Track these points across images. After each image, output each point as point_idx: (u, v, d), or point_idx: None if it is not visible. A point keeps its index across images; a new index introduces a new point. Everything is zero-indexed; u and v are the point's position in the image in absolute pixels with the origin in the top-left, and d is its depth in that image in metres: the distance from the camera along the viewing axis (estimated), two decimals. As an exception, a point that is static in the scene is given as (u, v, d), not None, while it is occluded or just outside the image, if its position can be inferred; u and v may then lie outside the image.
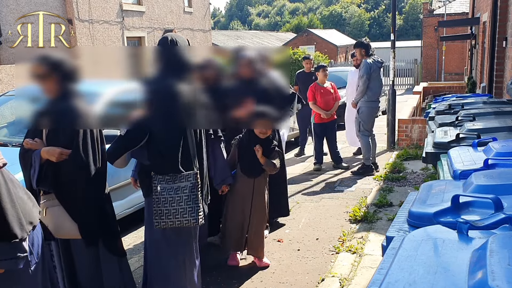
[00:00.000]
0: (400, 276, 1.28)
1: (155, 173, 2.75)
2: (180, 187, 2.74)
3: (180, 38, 2.88)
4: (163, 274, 2.89)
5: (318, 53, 21.14)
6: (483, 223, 1.65)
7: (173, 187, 2.73)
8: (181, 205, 2.73)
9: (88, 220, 2.76)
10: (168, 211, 2.72)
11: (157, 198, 2.73)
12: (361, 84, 6.38)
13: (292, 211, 5.09)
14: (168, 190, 2.73)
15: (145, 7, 16.75)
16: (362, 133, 6.54)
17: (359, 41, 6.78)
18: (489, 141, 3.04)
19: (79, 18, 13.83)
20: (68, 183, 2.70)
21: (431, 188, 2.29)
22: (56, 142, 2.66)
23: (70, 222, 2.71)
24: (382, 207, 5.06)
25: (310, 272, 3.68)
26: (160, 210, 2.73)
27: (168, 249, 2.87)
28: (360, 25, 67.79)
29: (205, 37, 21.13)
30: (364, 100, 6.46)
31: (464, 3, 25.23)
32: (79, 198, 2.72)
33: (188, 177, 2.76)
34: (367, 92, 6.39)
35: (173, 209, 2.72)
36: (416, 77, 24.94)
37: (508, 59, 7.19)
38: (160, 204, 2.72)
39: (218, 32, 35.60)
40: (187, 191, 2.74)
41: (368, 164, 6.53)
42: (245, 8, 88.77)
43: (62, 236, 2.76)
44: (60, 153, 2.63)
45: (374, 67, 6.38)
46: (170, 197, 2.73)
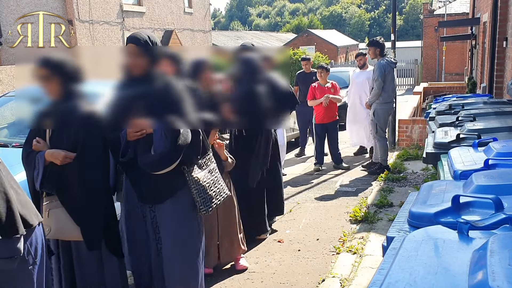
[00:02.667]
0: (400, 277, 1.28)
1: (187, 165, 2.76)
2: (211, 169, 2.94)
3: (157, 38, 2.84)
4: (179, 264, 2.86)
5: (318, 53, 21.11)
6: (484, 223, 1.65)
7: (207, 171, 2.90)
8: (220, 182, 2.99)
9: (91, 225, 2.72)
10: (214, 192, 2.90)
11: (199, 187, 2.79)
12: (376, 87, 6.30)
13: (292, 212, 5.09)
14: (206, 175, 2.87)
15: (145, 7, 16.76)
16: (379, 135, 6.51)
17: (374, 40, 6.60)
18: (489, 141, 3.04)
19: (79, 19, 13.83)
20: (72, 185, 2.67)
21: (432, 189, 2.29)
22: (60, 143, 2.64)
23: (73, 224, 2.69)
24: (383, 208, 5.06)
25: (310, 273, 3.68)
26: (204, 197, 2.82)
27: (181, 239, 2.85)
28: (361, 26, 67.83)
29: (205, 38, 21.15)
30: (379, 102, 6.39)
31: (464, 3, 25.22)
32: (82, 201, 2.68)
33: (211, 159, 2.96)
34: (382, 94, 6.34)
35: (217, 189, 2.94)
36: (416, 78, 24.94)
37: (509, 59, 7.19)
38: (206, 190, 2.83)
39: (219, 32, 35.60)
40: (217, 169, 3.00)
41: (385, 165, 6.55)
42: (245, 9, 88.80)
43: (65, 238, 2.74)
44: (64, 156, 2.60)
45: (388, 68, 6.31)
46: (211, 181, 2.89)
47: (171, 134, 2.58)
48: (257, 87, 3.43)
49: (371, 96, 6.48)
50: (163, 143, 2.60)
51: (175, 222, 2.80)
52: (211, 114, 3.00)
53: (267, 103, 3.38)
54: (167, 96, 2.61)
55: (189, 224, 2.84)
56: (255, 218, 4.29)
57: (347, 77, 11.09)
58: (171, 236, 2.81)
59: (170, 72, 2.88)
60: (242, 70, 3.29)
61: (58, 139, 2.66)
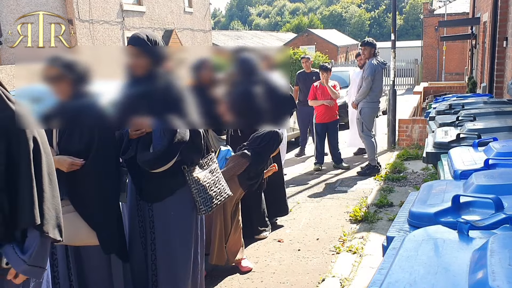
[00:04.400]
0: (400, 276, 1.28)
1: (187, 165, 2.77)
2: (212, 169, 2.95)
3: (158, 36, 2.83)
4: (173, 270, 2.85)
5: (318, 53, 21.12)
6: (484, 223, 1.65)
7: (208, 171, 2.91)
8: (221, 183, 3.00)
9: (107, 229, 2.66)
10: (215, 192, 2.90)
11: (199, 187, 2.80)
12: (365, 86, 6.37)
13: (292, 211, 5.09)
14: (207, 175, 2.88)
15: (145, 7, 16.76)
16: (365, 134, 6.53)
17: (368, 41, 6.69)
18: (489, 141, 3.04)
19: (80, 18, 13.83)
20: (87, 191, 2.59)
21: (432, 188, 2.29)
22: (71, 145, 2.57)
23: (87, 229, 2.61)
24: (383, 207, 5.06)
25: (310, 272, 3.68)
26: (204, 197, 2.82)
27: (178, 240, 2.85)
28: (361, 25, 67.80)
29: (206, 37, 21.14)
30: (366, 101, 6.46)
31: (465, 3, 25.21)
32: (99, 208, 2.62)
33: (212, 159, 2.98)
34: (370, 93, 6.40)
35: (217, 189, 2.93)
36: (416, 77, 24.93)
37: (509, 59, 7.18)
38: (206, 190, 2.83)
39: (219, 32, 35.58)
40: (218, 169, 3.01)
41: (374, 165, 6.53)
42: (245, 8, 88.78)
43: (77, 244, 2.66)
44: (70, 163, 2.52)
45: (379, 68, 6.39)
46: (211, 181, 2.89)
47: (168, 133, 2.59)
48: (253, 88, 3.41)
49: (358, 94, 6.53)
50: (162, 141, 2.62)
51: (171, 221, 2.78)
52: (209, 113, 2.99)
53: (264, 103, 3.36)
54: (167, 95, 2.60)
55: (185, 223, 2.82)
56: (254, 217, 4.30)
57: (347, 76, 11.11)
58: (165, 234, 2.79)
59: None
60: (238, 71, 3.27)
61: (69, 141, 2.59)
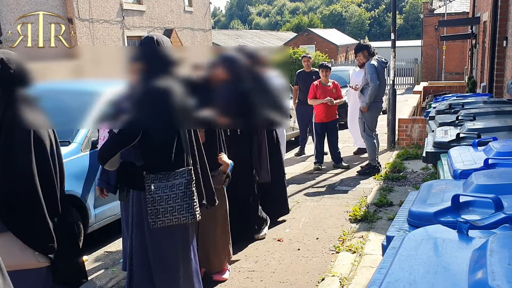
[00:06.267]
0: (400, 276, 1.29)
1: (148, 172, 2.69)
2: (175, 184, 2.71)
3: (165, 38, 2.83)
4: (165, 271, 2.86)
5: (318, 52, 21.13)
6: (483, 222, 1.65)
7: (168, 185, 2.71)
8: (178, 202, 2.71)
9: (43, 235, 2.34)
10: (165, 209, 2.68)
11: (152, 197, 2.67)
12: (372, 88, 6.28)
13: (292, 211, 5.09)
14: (163, 188, 2.70)
15: (145, 6, 16.75)
16: (367, 133, 6.51)
17: (358, 45, 6.71)
18: (489, 141, 3.04)
19: (79, 18, 13.83)
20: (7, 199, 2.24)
21: (431, 188, 2.29)
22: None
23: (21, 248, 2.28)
24: (382, 207, 5.06)
25: (310, 272, 3.68)
26: (156, 209, 2.68)
27: (167, 248, 2.84)
28: (361, 25, 67.77)
29: (206, 37, 21.13)
30: (368, 101, 6.41)
31: (465, 3, 25.21)
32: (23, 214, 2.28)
33: (182, 174, 2.74)
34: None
35: (170, 207, 2.70)
36: (416, 77, 24.94)
37: (509, 58, 7.18)
38: (155, 203, 2.67)
39: (219, 31, 35.61)
40: (182, 187, 2.72)
41: (374, 165, 6.52)
42: (245, 8, 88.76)
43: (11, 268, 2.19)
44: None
45: (379, 68, 6.35)
46: (165, 195, 2.69)
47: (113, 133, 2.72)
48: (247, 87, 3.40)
49: (365, 98, 6.42)
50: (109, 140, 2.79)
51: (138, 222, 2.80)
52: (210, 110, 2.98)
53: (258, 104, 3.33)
54: (141, 98, 2.65)
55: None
56: (253, 216, 4.30)
57: (347, 76, 11.11)
58: (136, 235, 2.83)
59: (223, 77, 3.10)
60: (231, 70, 3.24)
61: None
